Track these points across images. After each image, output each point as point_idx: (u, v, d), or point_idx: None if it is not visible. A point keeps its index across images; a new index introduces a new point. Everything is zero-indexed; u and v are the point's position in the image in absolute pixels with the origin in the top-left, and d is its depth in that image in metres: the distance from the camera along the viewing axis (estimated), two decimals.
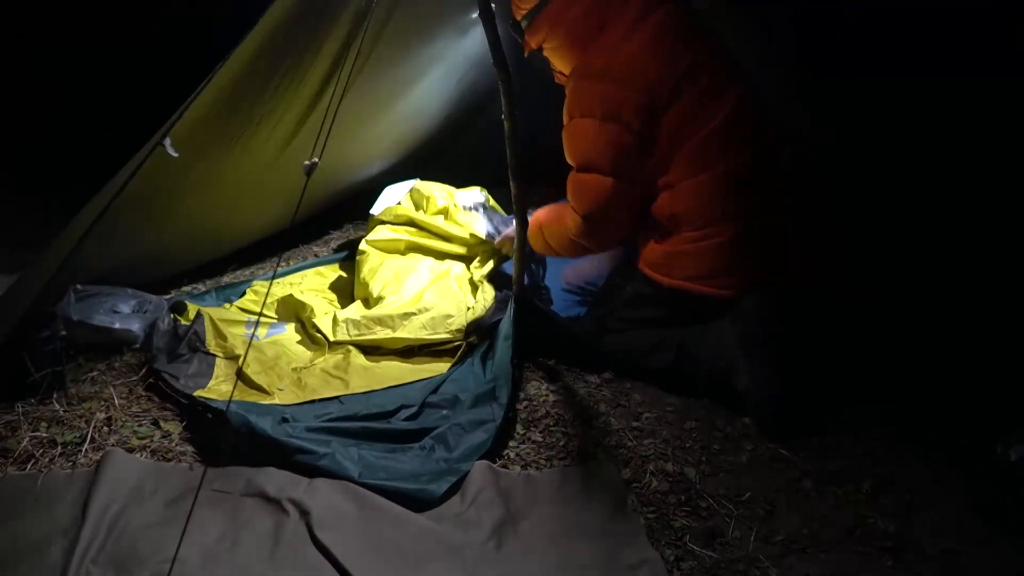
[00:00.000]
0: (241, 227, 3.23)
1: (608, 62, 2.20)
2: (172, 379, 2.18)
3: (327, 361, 2.42)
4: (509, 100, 2.12)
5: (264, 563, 1.59)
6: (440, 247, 2.97)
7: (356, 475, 1.81)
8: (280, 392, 2.23)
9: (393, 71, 2.85)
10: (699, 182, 2.19)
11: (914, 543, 1.68)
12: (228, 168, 2.63)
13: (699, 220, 2.22)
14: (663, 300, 2.32)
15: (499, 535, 1.69)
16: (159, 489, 1.79)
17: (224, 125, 2.34)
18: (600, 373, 2.39)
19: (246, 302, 2.80)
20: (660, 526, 1.74)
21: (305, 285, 2.97)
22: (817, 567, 1.62)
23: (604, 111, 2.19)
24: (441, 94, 3.47)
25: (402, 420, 2.12)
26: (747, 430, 2.11)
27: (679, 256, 2.26)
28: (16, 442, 1.92)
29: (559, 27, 2.27)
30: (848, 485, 1.87)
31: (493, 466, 1.91)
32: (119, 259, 2.59)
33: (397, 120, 3.41)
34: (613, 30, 2.22)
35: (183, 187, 2.47)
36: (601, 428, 2.10)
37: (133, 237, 2.55)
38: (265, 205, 3.17)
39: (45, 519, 1.68)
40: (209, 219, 2.95)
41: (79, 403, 2.12)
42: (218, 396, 2.12)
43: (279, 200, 3.13)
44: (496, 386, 2.17)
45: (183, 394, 2.12)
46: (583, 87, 2.25)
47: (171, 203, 2.54)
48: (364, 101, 2.78)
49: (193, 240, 3.03)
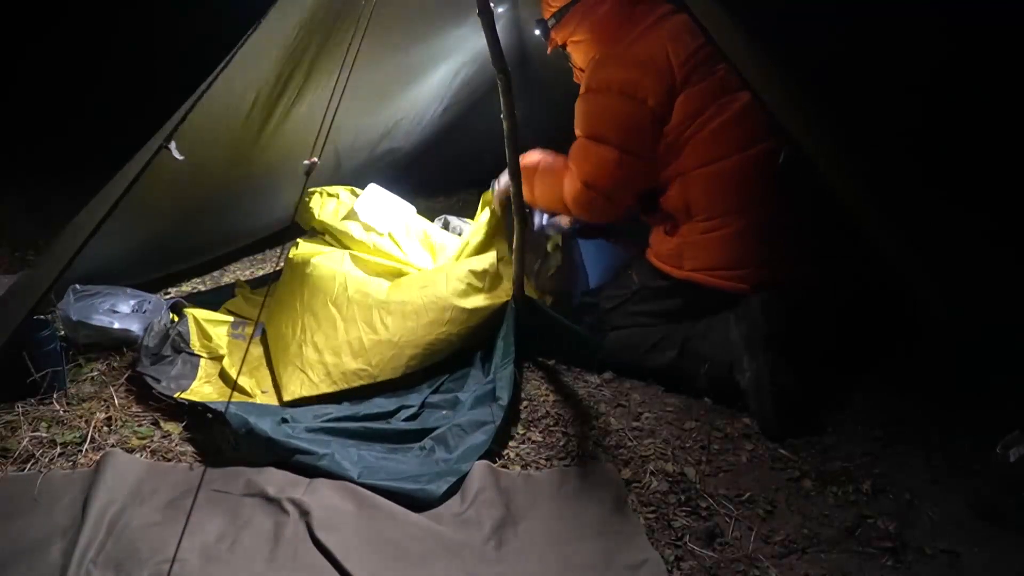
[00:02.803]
0: (242, 226, 3.24)
1: (628, 48, 2.27)
2: (154, 381, 2.16)
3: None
4: (508, 99, 2.12)
5: (264, 563, 1.59)
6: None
7: (356, 475, 1.81)
8: (263, 395, 2.22)
9: (392, 70, 2.85)
10: (710, 171, 2.21)
11: (914, 543, 1.68)
12: (229, 168, 2.63)
13: (709, 210, 2.24)
14: (672, 293, 2.34)
15: (499, 535, 1.69)
16: (159, 489, 1.79)
17: (226, 126, 2.34)
18: (600, 373, 2.39)
19: (235, 303, 2.76)
20: (660, 526, 1.74)
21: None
22: (817, 567, 1.62)
23: (621, 87, 2.23)
24: (440, 92, 3.47)
25: (402, 421, 2.12)
26: (747, 430, 2.11)
27: (689, 247, 2.28)
28: (16, 442, 1.92)
29: (587, 21, 2.35)
30: (848, 485, 1.87)
31: (493, 466, 1.91)
32: (119, 258, 2.59)
33: (397, 119, 3.41)
34: (637, 25, 2.30)
35: (184, 187, 2.46)
36: (601, 428, 2.10)
37: (133, 237, 2.55)
38: (265, 204, 3.17)
39: (45, 519, 1.67)
40: (209, 219, 2.95)
41: (79, 403, 2.12)
42: (200, 398, 2.12)
43: (279, 200, 3.14)
44: (496, 387, 2.17)
45: (165, 397, 2.11)
46: (601, 67, 2.31)
47: (172, 203, 2.54)
48: (365, 101, 2.78)
49: (193, 239, 3.03)
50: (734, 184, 2.21)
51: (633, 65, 2.23)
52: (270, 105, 2.41)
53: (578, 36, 2.39)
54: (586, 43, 2.39)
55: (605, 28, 2.33)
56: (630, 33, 2.30)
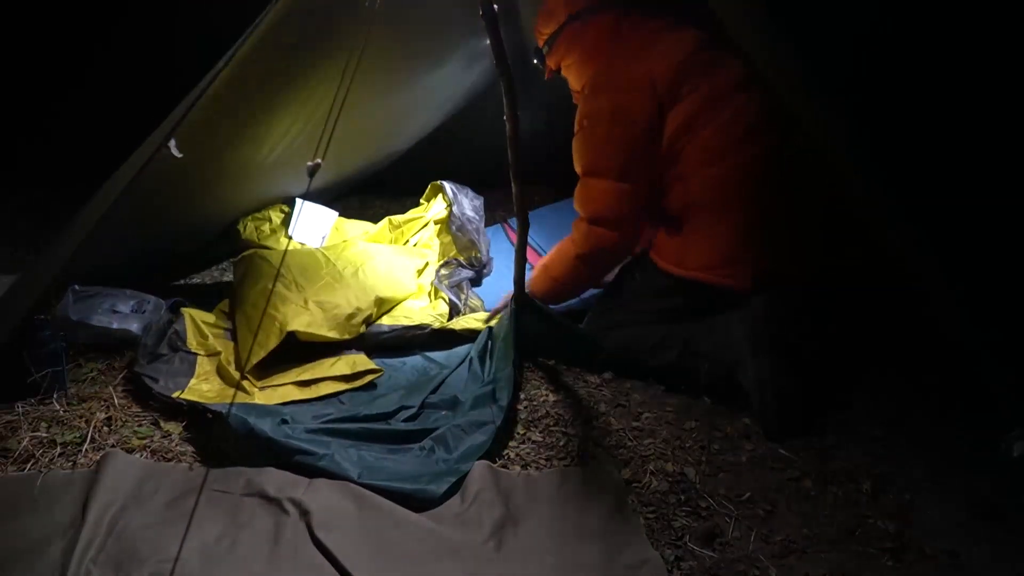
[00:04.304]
0: None
1: (617, 73, 2.30)
2: (151, 381, 2.16)
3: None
4: (510, 100, 2.12)
5: (264, 563, 1.59)
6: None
7: (356, 475, 1.81)
8: (261, 392, 2.22)
9: (396, 72, 2.84)
10: (709, 174, 2.23)
11: (914, 543, 1.68)
12: (230, 167, 2.63)
13: (711, 209, 2.25)
14: (674, 291, 2.35)
15: (499, 535, 1.69)
16: (159, 489, 1.79)
17: (227, 125, 2.34)
18: (600, 373, 2.39)
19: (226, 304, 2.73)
20: (660, 526, 1.74)
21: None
22: (817, 567, 1.62)
23: (612, 115, 2.28)
24: (443, 93, 3.47)
25: (402, 421, 2.12)
26: (747, 430, 2.11)
27: (692, 245, 2.29)
28: (16, 442, 1.92)
29: (576, 45, 2.41)
30: (848, 485, 1.87)
31: (493, 466, 1.91)
32: (119, 258, 2.59)
33: (398, 119, 3.41)
34: (626, 42, 2.33)
35: (184, 186, 2.47)
36: (601, 428, 2.10)
37: (133, 236, 2.55)
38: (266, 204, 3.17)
39: (45, 519, 1.67)
40: (210, 219, 2.95)
41: (79, 403, 2.12)
42: (198, 396, 2.12)
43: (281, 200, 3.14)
44: (496, 388, 2.17)
45: (163, 397, 2.11)
46: (592, 99, 2.35)
47: (172, 202, 2.54)
48: (365, 102, 2.78)
49: (194, 239, 3.03)
50: (733, 184, 2.22)
51: (622, 91, 2.27)
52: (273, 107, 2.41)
53: (569, 60, 2.45)
54: (577, 65, 2.44)
55: (594, 49, 2.38)
56: (620, 51, 2.33)
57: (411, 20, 2.41)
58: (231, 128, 2.37)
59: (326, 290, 2.54)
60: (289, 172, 2.91)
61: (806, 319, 2.20)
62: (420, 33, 2.61)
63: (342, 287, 2.58)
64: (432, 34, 2.73)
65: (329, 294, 2.52)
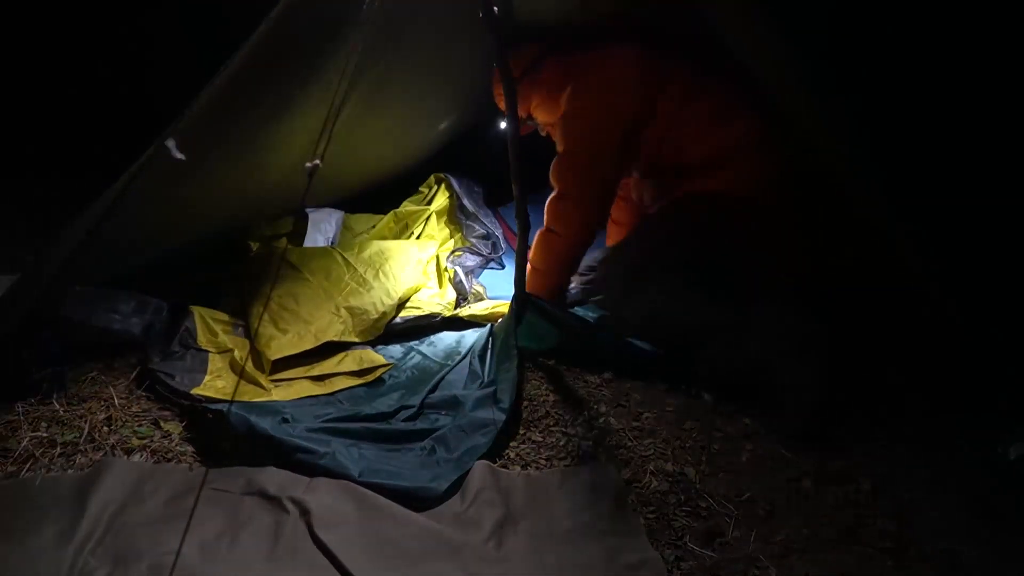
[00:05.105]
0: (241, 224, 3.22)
1: (593, 82, 2.53)
2: (167, 378, 2.17)
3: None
4: (511, 101, 2.12)
5: (264, 561, 1.59)
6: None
7: (356, 474, 1.81)
8: (276, 388, 2.23)
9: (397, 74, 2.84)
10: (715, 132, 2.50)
11: (914, 543, 1.68)
12: (231, 169, 2.63)
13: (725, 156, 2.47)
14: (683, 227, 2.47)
15: (499, 535, 1.69)
16: (159, 489, 1.79)
17: (229, 127, 2.34)
18: (600, 373, 2.39)
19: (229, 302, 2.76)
20: (660, 526, 1.74)
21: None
22: (817, 567, 1.62)
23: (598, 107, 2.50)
24: (444, 95, 3.47)
25: (402, 421, 2.12)
26: (747, 430, 2.11)
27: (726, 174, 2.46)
28: (16, 442, 1.92)
29: (535, 87, 2.64)
30: (848, 485, 1.87)
31: (493, 466, 1.91)
32: (119, 259, 2.58)
33: (400, 121, 3.40)
34: (580, 68, 2.56)
35: (187, 189, 2.46)
36: (601, 428, 2.10)
37: (133, 237, 2.54)
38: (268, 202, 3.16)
39: (45, 519, 1.67)
40: (211, 219, 2.94)
41: (79, 403, 2.12)
42: (214, 392, 2.12)
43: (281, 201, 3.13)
44: (498, 389, 2.17)
45: (181, 394, 2.12)
46: (568, 125, 2.57)
47: (173, 204, 2.53)
48: (366, 102, 2.78)
49: (195, 240, 3.03)
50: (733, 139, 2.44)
51: (604, 91, 2.49)
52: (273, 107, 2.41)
53: (534, 102, 2.68)
54: (543, 104, 2.67)
55: (552, 84, 2.60)
56: (579, 74, 2.53)
57: (410, 30, 2.41)
58: (236, 133, 2.37)
59: (354, 296, 2.66)
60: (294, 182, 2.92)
61: (844, 323, 2.26)
62: (421, 44, 2.62)
63: (367, 292, 2.69)
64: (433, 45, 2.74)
65: (357, 299, 2.64)
